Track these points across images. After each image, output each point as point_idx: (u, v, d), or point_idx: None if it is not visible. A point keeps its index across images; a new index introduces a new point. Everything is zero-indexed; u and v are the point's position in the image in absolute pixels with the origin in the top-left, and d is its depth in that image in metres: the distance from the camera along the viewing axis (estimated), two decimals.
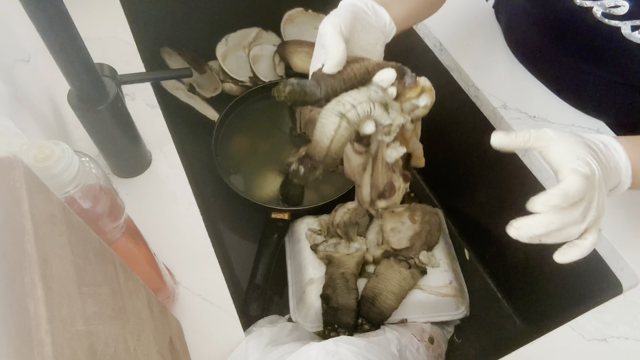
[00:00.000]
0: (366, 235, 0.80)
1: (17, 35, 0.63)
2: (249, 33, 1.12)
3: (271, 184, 0.93)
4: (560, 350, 0.56)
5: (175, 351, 0.49)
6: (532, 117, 0.74)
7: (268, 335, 0.59)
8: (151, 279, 0.51)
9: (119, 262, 0.39)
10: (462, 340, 0.87)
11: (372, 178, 0.57)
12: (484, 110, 0.78)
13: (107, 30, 0.83)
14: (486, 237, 0.93)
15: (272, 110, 1.03)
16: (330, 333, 0.71)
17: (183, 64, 1.06)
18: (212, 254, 0.62)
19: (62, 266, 0.29)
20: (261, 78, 1.06)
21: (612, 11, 0.60)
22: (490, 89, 0.77)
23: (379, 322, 0.73)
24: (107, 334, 0.32)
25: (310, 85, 0.48)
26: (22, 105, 0.56)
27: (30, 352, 0.24)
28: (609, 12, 0.60)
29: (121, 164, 0.67)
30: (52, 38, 0.47)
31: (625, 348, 0.57)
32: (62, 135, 0.67)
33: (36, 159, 0.36)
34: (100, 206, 0.42)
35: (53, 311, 0.25)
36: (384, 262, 0.76)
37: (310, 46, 1.08)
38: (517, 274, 0.87)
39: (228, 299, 0.59)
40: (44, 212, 0.29)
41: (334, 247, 0.78)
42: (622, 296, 0.61)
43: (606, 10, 0.60)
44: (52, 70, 0.52)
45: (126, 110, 0.61)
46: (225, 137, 0.97)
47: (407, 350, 0.64)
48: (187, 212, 0.65)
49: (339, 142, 0.48)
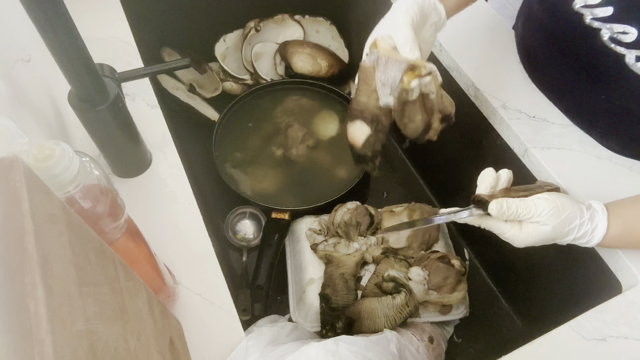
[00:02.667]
0: (367, 235, 0.80)
1: (18, 35, 0.63)
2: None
3: (271, 183, 0.94)
4: (559, 350, 0.56)
5: (176, 351, 0.49)
6: (531, 117, 0.74)
7: (268, 335, 0.59)
8: (151, 279, 0.51)
9: (120, 262, 0.40)
10: (462, 340, 0.87)
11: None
12: (483, 111, 0.78)
13: (107, 30, 0.83)
14: (486, 237, 0.92)
15: (273, 110, 1.03)
16: (328, 333, 0.71)
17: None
18: (212, 254, 0.62)
19: (63, 266, 0.29)
20: (262, 76, 1.06)
21: (619, 37, 0.58)
22: (490, 89, 0.77)
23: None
24: (107, 334, 0.32)
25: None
26: (23, 105, 0.56)
27: (31, 352, 0.24)
28: (615, 38, 0.59)
29: (121, 164, 0.67)
30: (53, 38, 0.47)
31: (625, 348, 0.57)
32: (63, 135, 0.67)
33: (36, 159, 0.36)
34: (100, 206, 0.42)
35: (53, 311, 0.25)
36: (383, 262, 0.76)
37: (312, 47, 1.08)
38: (517, 274, 0.87)
39: (228, 298, 0.59)
40: (45, 212, 0.29)
41: (334, 247, 0.78)
42: (622, 296, 0.61)
43: (613, 35, 0.59)
44: (53, 70, 0.52)
45: (126, 110, 0.61)
46: (225, 137, 0.97)
47: (406, 349, 0.64)
48: (187, 212, 0.65)
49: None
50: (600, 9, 0.58)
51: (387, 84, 0.58)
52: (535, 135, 0.72)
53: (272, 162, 0.96)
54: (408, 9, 0.57)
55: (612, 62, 0.61)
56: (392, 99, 0.60)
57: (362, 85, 0.61)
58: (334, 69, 1.09)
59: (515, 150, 0.74)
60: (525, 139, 0.72)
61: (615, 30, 0.58)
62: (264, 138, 0.99)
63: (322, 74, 1.08)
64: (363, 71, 0.60)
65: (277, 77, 1.10)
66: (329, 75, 1.09)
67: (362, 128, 0.63)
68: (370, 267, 0.78)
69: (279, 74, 1.10)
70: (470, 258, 0.95)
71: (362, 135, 0.63)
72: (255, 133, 0.99)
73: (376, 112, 0.61)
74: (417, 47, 0.55)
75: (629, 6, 0.56)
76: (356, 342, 0.55)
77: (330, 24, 1.16)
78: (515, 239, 0.57)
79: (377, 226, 0.82)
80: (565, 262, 0.73)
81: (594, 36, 0.61)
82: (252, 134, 0.99)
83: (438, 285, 0.74)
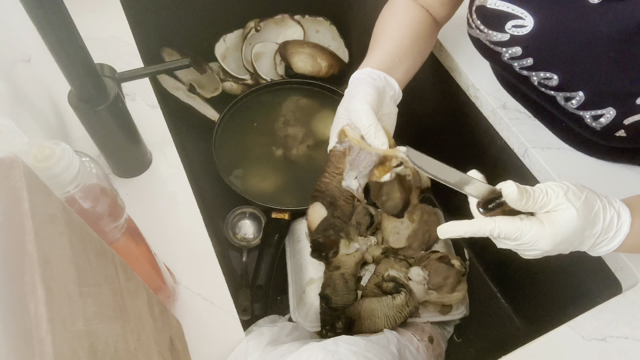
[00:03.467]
0: (367, 235, 0.80)
1: (18, 35, 0.63)
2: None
3: (271, 183, 0.94)
4: (559, 350, 0.56)
5: (176, 351, 0.49)
6: (531, 117, 0.74)
7: (268, 335, 0.59)
8: (151, 279, 0.51)
9: (120, 262, 0.40)
10: (462, 340, 0.87)
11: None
12: (483, 111, 0.78)
13: (107, 30, 0.83)
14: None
15: (273, 110, 1.03)
16: (328, 333, 0.71)
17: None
18: (212, 254, 0.62)
19: (63, 266, 0.29)
20: (262, 76, 1.06)
21: (545, 82, 0.62)
22: (490, 89, 0.78)
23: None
24: (107, 334, 0.32)
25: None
26: (23, 105, 0.56)
27: (31, 352, 0.24)
28: (543, 82, 0.63)
29: (121, 164, 0.67)
30: (53, 38, 0.47)
31: (625, 348, 0.57)
32: (63, 135, 0.67)
33: (36, 159, 0.36)
34: (100, 206, 0.42)
35: (53, 311, 0.25)
36: (383, 262, 0.76)
37: (312, 47, 1.08)
38: (517, 274, 0.87)
39: (228, 299, 0.59)
40: (45, 212, 0.29)
41: None
42: (622, 296, 0.61)
43: (541, 81, 0.63)
44: (53, 70, 0.52)
45: (126, 110, 0.61)
46: (225, 137, 0.97)
47: (406, 349, 0.64)
48: (187, 212, 0.65)
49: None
50: (522, 60, 0.62)
51: (356, 170, 0.56)
52: (535, 135, 0.73)
53: (272, 162, 0.96)
54: (365, 93, 0.57)
55: (548, 101, 0.66)
56: (356, 184, 0.57)
57: (330, 168, 0.59)
58: (334, 69, 1.09)
59: (515, 150, 0.74)
60: (525, 139, 0.72)
61: (541, 76, 0.62)
62: (264, 138, 0.99)
63: (322, 74, 1.08)
64: (333, 155, 0.58)
65: (277, 77, 1.10)
66: (329, 75, 1.09)
67: (319, 210, 0.59)
68: (370, 267, 0.78)
69: (279, 74, 1.10)
70: (470, 258, 0.95)
71: (318, 217, 0.59)
72: (255, 133, 0.99)
73: (336, 193, 0.58)
74: (382, 132, 0.55)
75: (547, 56, 0.60)
76: (356, 342, 0.55)
77: (330, 24, 1.16)
78: (542, 239, 0.46)
79: (377, 226, 0.82)
80: (565, 262, 0.73)
81: (527, 81, 0.65)
82: (252, 134, 0.99)
83: (438, 285, 0.74)
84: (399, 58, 0.65)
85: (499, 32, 0.62)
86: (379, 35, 0.69)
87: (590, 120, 0.61)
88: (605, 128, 0.60)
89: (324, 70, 1.08)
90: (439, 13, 0.71)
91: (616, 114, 0.57)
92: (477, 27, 0.64)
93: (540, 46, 0.60)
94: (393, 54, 0.65)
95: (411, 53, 0.66)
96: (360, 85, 0.60)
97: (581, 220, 0.46)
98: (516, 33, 0.60)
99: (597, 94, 0.58)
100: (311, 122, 1.01)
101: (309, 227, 0.61)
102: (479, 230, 0.48)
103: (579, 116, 0.62)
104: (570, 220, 0.46)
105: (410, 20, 0.68)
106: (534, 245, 0.47)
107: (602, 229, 0.48)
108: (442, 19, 0.73)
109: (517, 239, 0.47)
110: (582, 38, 0.56)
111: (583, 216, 0.46)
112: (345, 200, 0.58)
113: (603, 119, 0.59)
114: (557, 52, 0.59)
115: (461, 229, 0.49)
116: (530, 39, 0.60)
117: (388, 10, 0.71)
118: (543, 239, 0.46)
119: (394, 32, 0.67)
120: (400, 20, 0.68)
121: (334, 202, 0.58)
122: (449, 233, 0.49)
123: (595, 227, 0.48)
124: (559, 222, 0.46)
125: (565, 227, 0.46)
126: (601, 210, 0.48)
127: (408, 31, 0.67)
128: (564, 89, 0.61)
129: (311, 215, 0.60)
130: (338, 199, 0.58)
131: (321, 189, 0.59)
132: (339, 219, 0.59)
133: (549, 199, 0.46)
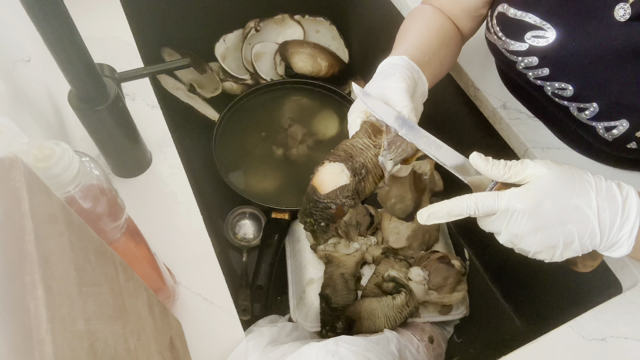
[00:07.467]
0: (367, 234, 0.80)
1: (18, 35, 0.63)
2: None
3: (271, 183, 0.94)
4: (559, 350, 0.56)
5: (176, 351, 0.49)
6: (531, 117, 0.74)
7: (268, 335, 0.59)
8: (151, 279, 0.51)
9: (119, 262, 0.39)
10: (462, 340, 0.87)
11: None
12: (483, 110, 0.78)
13: (107, 30, 0.83)
14: (486, 237, 0.92)
15: (273, 110, 1.03)
16: (328, 333, 0.71)
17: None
18: (212, 254, 0.62)
19: (63, 266, 0.29)
20: (262, 76, 1.06)
21: (559, 92, 0.62)
22: (490, 89, 0.77)
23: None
24: (107, 334, 0.32)
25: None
26: (23, 105, 0.56)
27: (31, 352, 0.24)
28: (557, 93, 0.62)
29: (121, 164, 0.67)
30: (53, 38, 0.47)
31: (625, 348, 0.57)
32: (63, 135, 0.67)
33: (36, 158, 0.36)
34: (100, 206, 0.42)
35: (53, 311, 0.25)
36: (383, 262, 0.76)
37: (312, 47, 1.09)
38: (517, 274, 0.87)
39: (228, 299, 0.59)
40: (45, 212, 0.29)
41: (334, 247, 0.78)
42: (622, 296, 0.61)
43: (555, 91, 0.62)
44: (52, 70, 0.52)
45: (126, 110, 0.61)
46: (225, 137, 0.97)
47: (406, 349, 0.64)
48: (187, 212, 0.65)
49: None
50: (538, 70, 0.62)
51: (394, 152, 0.50)
52: (535, 135, 0.72)
53: (272, 162, 0.96)
54: (402, 75, 0.54)
55: (560, 110, 0.65)
56: (391, 165, 0.51)
57: (363, 137, 0.51)
58: (334, 69, 1.10)
59: (516, 150, 0.74)
60: (525, 139, 0.72)
61: (556, 87, 0.62)
62: (264, 138, 0.99)
63: (322, 74, 1.08)
64: (371, 125, 0.52)
65: (277, 77, 1.10)
66: (329, 75, 1.09)
67: (340, 173, 0.50)
68: (371, 267, 0.78)
69: (279, 74, 1.10)
70: (470, 258, 0.95)
71: (336, 181, 0.50)
72: (255, 133, 0.99)
73: (369, 166, 0.50)
74: (415, 118, 0.51)
75: (563, 66, 0.60)
76: (356, 342, 0.55)
77: (330, 24, 1.16)
78: (519, 195, 0.45)
79: (377, 226, 0.82)
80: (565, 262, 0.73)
81: (540, 90, 0.65)
82: (252, 133, 0.99)
83: (438, 286, 0.74)
84: (427, 57, 0.61)
85: (517, 41, 0.62)
86: (405, 34, 0.65)
87: (602, 131, 0.61)
88: (617, 139, 0.60)
89: (324, 70, 1.08)
90: (464, 26, 0.69)
91: (629, 126, 0.57)
92: (495, 32, 0.64)
93: (559, 58, 0.59)
94: (422, 51, 0.61)
95: (438, 57, 0.63)
96: (396, 68, 0.56)
97: (556, 178, 0.45)
98: (535, 44, 0.60)
99: (611, 106, 0.58)
100: (311, 122, 1.01)
101: (315, 188, 0.51)
102: (457, 205, 0.47)
103: (591, 126, 0.62)
104: (545, 176, 0.45)
105: (438, 26, 0.66)
106: (514, 205, 0.45)
107: (598, 200, 0.45)
108: (467, 32, 0.71)
109: (495, 207, 0.46)
110: (601, 52, 0.56)
111: (558, 174, 0.45)
112: (374, 177, 0.51)
113: (616, 130, 0.59)
114: (575, 65, 0.58)
115: (443, 209, 0.47)
116: (549, 50, 0.59)
117: (414, 16, 0.69)
118: (520, 194, 0.45)
119: (421, 32, 0.64)
120: (428, 24, 0.66)
121: (364, 172, 0.50)
122: (432, 218, 0.48)
123: (585, 197, 0.45)
124: (535, 180, 0.45)
125: (540, 183, 0.45)
126: (591, 180, 0.46)
127: (435, 34, 0.64)
128: (578, 100, 0.61)
129: (327, 174, 0.50)
130: (370, 172, 0.50)
131: (350, 153, 0.50)
132: (358, 194, 0.51)
133: (525, 166, 0.46)
